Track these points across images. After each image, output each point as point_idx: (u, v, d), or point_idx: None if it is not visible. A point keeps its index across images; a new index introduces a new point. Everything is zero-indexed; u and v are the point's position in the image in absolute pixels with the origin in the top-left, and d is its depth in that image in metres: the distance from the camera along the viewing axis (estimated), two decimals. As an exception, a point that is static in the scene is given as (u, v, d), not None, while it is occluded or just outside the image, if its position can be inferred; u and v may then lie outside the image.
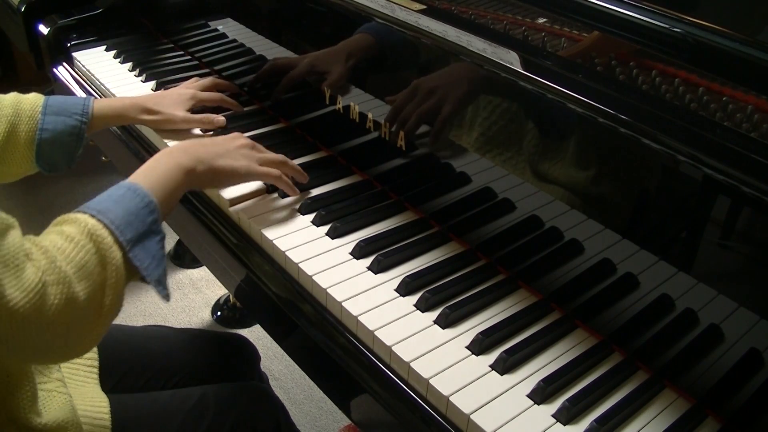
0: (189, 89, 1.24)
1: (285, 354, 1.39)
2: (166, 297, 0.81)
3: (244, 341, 1.25)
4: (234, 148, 0.99)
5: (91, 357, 0.99)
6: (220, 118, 1.21)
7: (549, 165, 0.88)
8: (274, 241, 0.97)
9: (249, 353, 1.24)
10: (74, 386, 0.93)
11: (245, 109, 1.31)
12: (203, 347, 1.16)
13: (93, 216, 0.75)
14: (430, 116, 1.00)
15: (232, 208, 1.04)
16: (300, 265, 0.93)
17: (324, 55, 1.15)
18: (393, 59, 1.06)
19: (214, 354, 1.17)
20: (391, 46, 1.04)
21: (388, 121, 1.04)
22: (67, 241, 0.72)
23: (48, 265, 0.68)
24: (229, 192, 1.06)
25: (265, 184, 1.08)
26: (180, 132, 1.23)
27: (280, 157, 1.04)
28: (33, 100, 1.06)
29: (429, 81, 0.99)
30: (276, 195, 1.07)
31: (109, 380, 1.02)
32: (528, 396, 0.78)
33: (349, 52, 1.10)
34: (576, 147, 0.85)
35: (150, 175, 0.86)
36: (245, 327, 2.03)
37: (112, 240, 0.75)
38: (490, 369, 0.81)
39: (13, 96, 1.06)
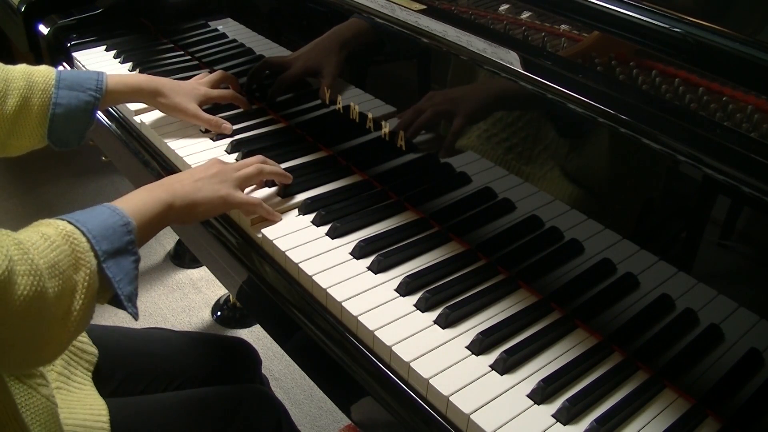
0: (201, 87, 1.24)
1: (285, 354, 1.39)
2: (135, 315, 0.81)
3: (246, 345, 1.25)
4: (210, 177, 0.97)
5: (89, 360, 0.99)
6: (226, 125, 1.21)
7: (549, 165, 0.88)
8: (274, 242, 0.97)
9: (250, 357, 1.24)
10: (73, 390, 0.93)
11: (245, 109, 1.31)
12: (205, 350, 1.16)
13: (71, 223, 0.75)
14: (440, 126, 1.00)
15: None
16: (300, 265, 0.93)
17: (317, 43, 1.15)
18: (389, 46, 1.06)
19: (216, 357, 1.17)
20: (386, 31, 1.04)
21: (400, 128, 1.04)
22: (43, 239, 0.71)
23: (20, 256, 0.66)
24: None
25: (264, 181, 1.08)
26: (181, 131, 1.23)
27: (256, 167, 1.02)
28: (45, 72, 1.05)
29: (441, 94, 0.99)
30: (276, 195, 1.07)
31: (109, 384, 1.02)
32: (528, 396, 0.78)
33: (343, 36, 1.10)
34: (575, 147, 0.85)
35: (130, 202, 0.85)
36: (245, 327, 2.03)
37: (88, 246, 0.74)
38: (490, 369, 0.81)
39: (23, 68, 1.04)
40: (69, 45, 1.56)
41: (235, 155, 1.17)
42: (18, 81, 1.02)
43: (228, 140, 1.20)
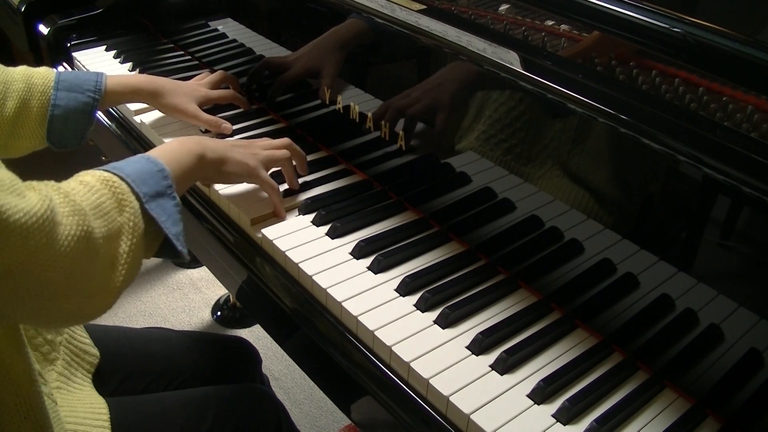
0: (201, 87, 1.24)
1: (285, 354, 1.39)
2: (186, 256, 0.81)
3: (246, 344, 1.25)
4: (240, 146, 1.00)
5: (90, 361, 0.99)
6: (226, 125, 1.22)
7: (548, 165, 0.88)
8: (274, 242, 0.97)
9: (250, 356, 1.24)
10: (72, 391, 0.93)
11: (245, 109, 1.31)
12: (205, 350, 1.16)
13: (107, 170, 0.76)
14: (429, 116, 1.00)
15: (231, 208, 1.04)
16: (300, 265, 0.93)
17: (317, 43, 1.15)
18: (389, 46, 1.06)
19: (216, 357, 1.17)
20: (386, 31, 1.04)
21: (382, 118, 1.04)
22: (81, 185, 0.72)
23: (62, 200, 0.67)
24: (229, 191, 1.06)
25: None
26: (181, 131, 1.23)
27: (284, 153, 1.04)
28: (44, 74, 1.06)
29: (426, 82, 0.99)
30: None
31: (109, 384, 1.02)
32: (528, 396, 0.78)
33: (342, 36, 1.11)
34: (575, 147, 0.85)
35: (162, 152, 0.86)
36: (245, 327, 2.03)
37: (128, 188, 0.75)
38: (490, 369, 0.81)
39: (23, 69, 1.05)
40: (69, 45, 1.56)
41: (235, 155, 1.17)
42: (17, 83, 1.02)
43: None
